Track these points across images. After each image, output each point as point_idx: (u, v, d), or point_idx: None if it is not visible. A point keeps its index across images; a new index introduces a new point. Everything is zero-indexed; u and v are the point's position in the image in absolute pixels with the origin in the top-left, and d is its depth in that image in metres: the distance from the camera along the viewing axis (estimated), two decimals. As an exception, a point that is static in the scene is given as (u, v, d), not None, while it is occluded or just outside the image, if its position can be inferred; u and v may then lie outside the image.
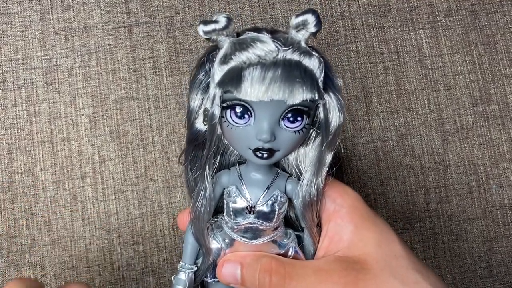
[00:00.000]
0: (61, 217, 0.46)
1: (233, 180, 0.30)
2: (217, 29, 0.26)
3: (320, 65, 0.27)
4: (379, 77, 0.51)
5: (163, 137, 0.48)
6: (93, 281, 0.45)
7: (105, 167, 0.47)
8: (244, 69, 0.25)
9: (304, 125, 0.27)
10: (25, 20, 0.49)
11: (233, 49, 0.26)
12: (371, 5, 0.52)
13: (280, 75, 0.25)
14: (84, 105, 0.48)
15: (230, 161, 0.32)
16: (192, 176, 0.31)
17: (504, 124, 0.51)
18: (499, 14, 0.53)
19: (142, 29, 0.49)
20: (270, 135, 0.26)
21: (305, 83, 0.25)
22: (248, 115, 0.27)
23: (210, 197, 0.30)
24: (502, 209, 0.50)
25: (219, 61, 0.27)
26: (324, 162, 0.29)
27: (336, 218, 0.30)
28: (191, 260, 0.32)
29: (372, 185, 0.49)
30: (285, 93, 0.25)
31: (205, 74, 0.29)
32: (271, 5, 0.51)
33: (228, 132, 0.28)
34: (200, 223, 0.30)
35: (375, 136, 0.50)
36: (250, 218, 0.29)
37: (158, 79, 0.49)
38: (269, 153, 0.27)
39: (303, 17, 0.26)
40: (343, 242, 0.30)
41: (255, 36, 0.26)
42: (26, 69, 0.48)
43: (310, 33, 0.26)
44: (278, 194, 0.30)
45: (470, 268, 0.49)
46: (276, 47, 0.26)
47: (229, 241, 0.31)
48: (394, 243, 0.29)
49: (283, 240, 0.31)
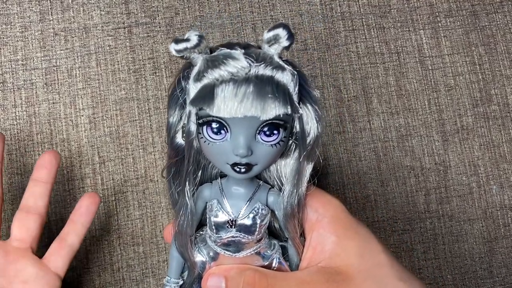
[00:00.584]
0: (61, 218, 0.46)
1: (214, 194, 0.31)
2: (189, 47, 0.26)
3: (293, 78, 0.27)
4: (380, 78, 0.51)
5: (163, 137, 0.48)
6: (93, 282, 0.45)
7: (105, 168, 0.47)
8: (217, 86, 0.25)
9: (281, 138, 0.27)
10: (24, 21, 0.49)
11: (206, 66, 0.26)
12: (372, 6, 0.52)
13: (252, 91, 0.25)
14: (84, 106, 0.48)
15: (212, 174, 0.33)
16: (175, 190, 0.31)
17: (505, 125, 0.51)
18: (499, 14, 0.53)
19: (142, 29, 0.49)
20: (247, 150, 0.27)
21: (277, 98, 0.25)
22: (224, 130, 0.27)
23: (192, 212, 0.30)
24: (503, 210, 0.50)
25: (193, 78, 0.27)
26: (303, 173, 0.29)
27: (319, 228, 0.30)
28: (176, 275, 0.32)
29: (372, 186, 0.49)
30: (257, 109, 0.25)
31: (181, 91, 0.29)
32: (271, 6, 0.51)
33: (206, 147, 0.28)
34: (183, 238, 0.31)
35: (375, 136, 0.50)
36: (232, 232, 0.30)
37: (158, 80, 0.49)
38: (247, 167, 0.27)
39: (274, 31, 0.26)
40: (325, 253, 0.30)
41: (227, 53, 0.26)
42: (26, 70, 0.48)
43: (282, 47, 0.26)
44: (259, 207, 0.30)
45: (471, 269, 0.49)
46: (248, 63, 0.26)
47: (214, 254, 0.31)
48: (377, 252, 0.29)
49: (267, 251, 0.31)
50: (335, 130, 0.50)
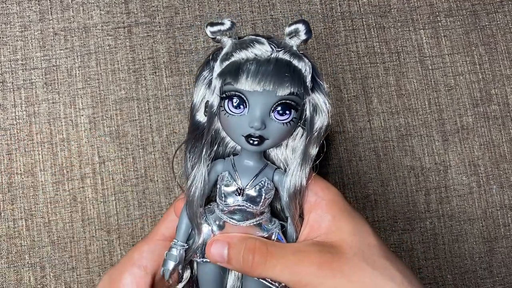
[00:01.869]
0: (61, 218, 0.46)
1: (226, 167, 0.34)
2: (222, 30, 0.30)
3: (308, 67, 0.31)
4: (380, 78, 0.51)
5: (163, 137, 0.48)
6: (93, 282, 0.45)
7: (105, 168, 0.47)
8: (242, 64, 0.30)
9: (292, 118, 0.31)
10: (24, 21, 0.48)
11: (234, 48, 0.31)
12: (372, 6, 0.52)
13: (272, 70, 0.29)
14: (84, 105, 0.48)
15: (225, 153, 0.36)
16: (190, 164, 0.34)
17: (505, 125, 0.51)
18: (499, 14, 0.53)
19: (142, 29, 0.49)
20: (261, 123, 0.30)
21: (293, 79, 0.30)
22: (243, 105, 0.30)
23: (205, 180, 0.33)
24: (503, 210, 0.50)
25: (221, 58, 0.31)
26: (308, 157, 0.33)
27: (317, 209, 0.33)
28: (183, 238, 0.34)
29: (373, 185, 0.49)
30: (275, 85, 0.29)
31: (209, 71, 0.33)
32: (271, 5, 0.51)
33: (225, 120, 0.31)
34: (194, 206, 0.33)
35: (375, 136, 0.50)
36: (239, 200, 0.33)
37: (158, 79, 0.49)
38: (260, 140, 0.31)
39: (295, 26, 0.30)
40: (321, 229, 0.33)
41: (254, 38, 0.31)
42: (26, 70, 0.48)
43: (301, 40, 0.31)
44: (265, 181, 0.33)
45: (471, 269, 0.49)
46: (271, 48, 0.30)
47: (220, 223, 0.34)
48: (368, 234, 0.32)
49: (267, 225, 0.34)
50: (335, 130, 0.50)
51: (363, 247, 0.31)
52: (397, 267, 0.31)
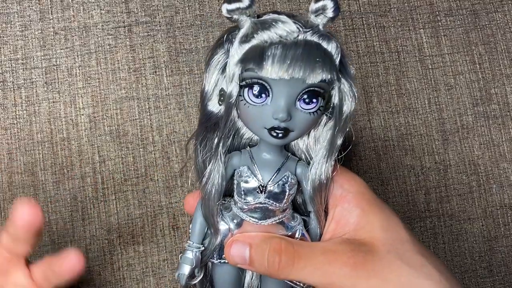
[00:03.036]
0: (61, 217, 0.46)
1: (244, 161, 0.31)
2: (241, 8, 0.27)
3: (337, 49, 0.28)
4: (380, 77, 0.51)
5: (163, 137, 0.48)
6: (93, 281, 0.45)
7: (105, 167, 0.47)
8: (266, 48, 0.26)
9: (319, 107, 0.28)
10: (24, 20, 0.49)
11: (255, 28, 0.27)
12: (372, 5, 0.52)
13: (301, 55, 0.26)
14: (84, 105, 0.48)
15: (240, 144, 0.33)
16: (202, 158, 0.31)
17: (505, 124, 0.51)
18: (499, 13, 0.53)
19: (142, 28, 0.49)
20: (287, 114, 0.27)
21: (325, 64, 0.26)
22: (265, 94, 0.27)
23: (222, 176, 0.30)
24: (503, 209, 0.50)
25: (240, 40, 0.27)
26: (335, 146, 0.30)
27: (343, 202, 0.31)
28: (198, 239, 0.32)
29: (373, 185, 0.49)
30: (305, 72, 0.26)
31: (223, 54, 0.29)
32: (271, 5, 0.51)
33: (245, 111, 0.28)
34: (210, 203, 0.31)
35: (375, 136, 0.50)
36: (260, 198, 0.30)
37: (158, 79, 0.49)
38: (284, 132, 0.28)
39: (322, 2, 0.27)
40: (349, 225, 0.30)
41: (276, 17, 0.27)
42: (26, 69, 0.48)
43: (328, 18, 0.27)
44: (288, 176, 0.30)
45: (471, 268, 0.49)
46: (297, 28, 0.27)
47: (238, 221, 0.31)
48: (400, 228, 0.30)
49: (290, 222, 0.32)
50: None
51: (397, 244, 0.29)
52: (433, 263, 0.29)
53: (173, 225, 0.47)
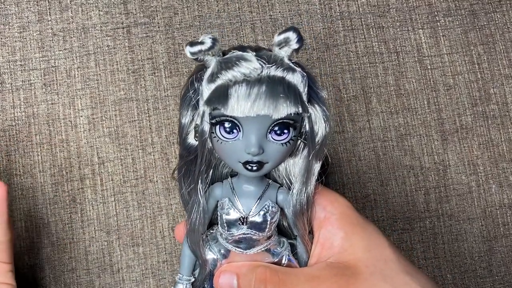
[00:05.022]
0: (60, 219, 0.46)
1: (225, 192, 0.31)
2: (203, 50, 0.27)
3: (303, 79, 0.28)
4: (379, 77, 0.51)
5: (163, 138, 0.48)
6: (93, 283, 0.45)
7: (104, 169, 0.47)
8: (230, 87, 0.27)
9: (291, 137, 0.28)
10: (23, 21, 0.48)
11: (219, 68, 0.27)
12: (370, 5, 0.52)
13: (264, 91, 0.26)
14: (83, 106, 0.48)
15: (222, 173, 0.34)
16: (186, 190, 0.32)
17: (504, 124, 0.51)
18: (498, 14, 0.53)
19: (141, 30, 0.49)
20: (258, 148, 0.27)
21: (289, 97, 0.26)
22: (236, 130, 0.28)
23: (204, 210, 0.31)
24: (502, 209, 0.50)
25: (207, 80, 0.28)
26: (312, 172, 0.30)
27: (327, 225, 0.31)
28: (188, 272, 0.33)
29: (372, 185, 0.49)
30: (270, 108, 0.26)
31: (194, 92, 0.30)
32: (270, 6, 0.51)
33: (219, 146, 0.29)
34: (195, 236, 0.31)
35: (374, 136, 0.50)
36: (243, 229, 0.31)
37: (157, 80, 0.49)
38: (259, 165, 0.28)
39: (284, 35, 0.27)
40: (334, 249, 0.31)
41: (240, 55, 0.27)
42: (24, 71, 0.48)
43: (292, 49, 0.28)
44: (269, 204, 0.31)
45: (470, 268, 0.49)
46: (260, 65, 0.27)
47: (225, 252, 0.32)
48: (383, 247, 0.30)
49: (276, 248, 0.32)
50: (334, 130, 0.50)
51: (380, 264, 0.29)
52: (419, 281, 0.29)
53: (172, 227, 0.47)
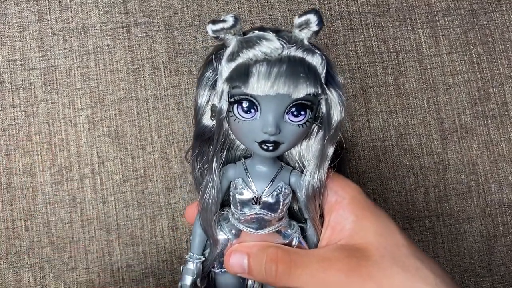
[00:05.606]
0: (60, 218, 0.46)
1: (239, 173, 0.32)
2: (225, 28, 0.27)
3: (322, 62, 0.28)
4: (378, 77, 0.51)
5: (162, 137, 0.48)
6: (93, 283, 0.45)
7: (104, 168, 0.47)
8: (251, 66, 0.27)
9: (307, 119, 0.29)
10: (22, 21, 0.48)
11: (240, 47, 0.28)
12: (370, 5, 0.52)
13: (285, 71, 0.27)
14: (83, 105, 0.48)
15: (236, 156, 0.34)
16: (199, 171, 0.32)
17: (503, 124, 0.52)
18: (497, 13, 0.53)
19: (141, 29, 0.49)
20: (276, 128, 0.28)
21: (309, 78, 0.27)
22: (254, 109, 0.28)
23: (218, 189, 0.31)
24: (501, 208, 0.50)
25: (227, 59, 0.28)
26: (326, 155, 0.31)
27: (338, 209, 0.31)
28: (199, 251, 0.33)
29: (372, 184, 0.49)
30: (290, 87, 0.26)
31: (213, 72, 0.30)
32: (269, 5, 0.51)
33: (235, 126, 0.29)
34: (208, 215, 0.31)
35: (374, 136, 0.50)
36: (256, 209, 0.31)
37: (157, 79, 0.49)
38: (274, 145, 0.29)
39: (305, 16, 0.28)
40: (344, 232, 0.31)
41: (261, 34, 0.28)
42: (24, 70, 0.48)
43: (312, 32, 0.28)
44: (282, 186, 0.31)
45: (470, 267, 0.49)
46: (281, 45, 0.27)
47: (236, 232, 0.32)
48: (394, 232, 0.30)
49: (287, 230, 0.32)
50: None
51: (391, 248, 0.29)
52: (429, 266, 0.29)
53: (172, 226, 0.47)
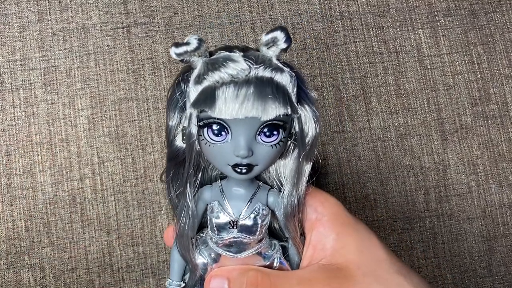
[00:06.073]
0: (60, 218, 0.46)
1: (215, 195, 0.31)
2: (189, 51, 0.26)
3: (292, 79, 0.27)
4: (379, 77, 0.51)
5: (162, 138, 0.48)
6: (93, 283, 0.45)
7: (104, 168, 0.47)
8: (218, 88, 0.26)
9: (281, 138, 0.28)
10: (23, 21, 0.48)
11: (206, 69, 0.27)
12: (370, 5, 0.52)
13: (252, 93, 0.25)
14: (83, 106, 0.48)
15: (212, 176, 0.33)
16: (175, 194, 0.31)
17: (503, 124, 0.52)
18: (497, 14, 0.53)
19: (141, 29, 0.49)
20: (248, 151, 0.27)
21: (278, 98, 0.26)
22: (225, 132, 0.27)
23: (193, 214, 0.30)
24: (502, 209, 0.50)
25: (193, 81, 0.27)
26: (303, 173, 0.30)
27: (319, 226, 0.31)
28: (178, 277, 0.33)
29: (372, 185, 0.49)
30: (258, 110, 0.25)
31: (181, 94, 0.29)
32: (270, 5, 0.51)
33: (207, 149, 0.28)
34: (184, 240, 0.31)
35: (374, 136, 0.50)
36: (233, 233, 0.30)
37: (157, 79, 0.49)
38: (248, 168, 0.28)
39: (272, 34, 0.26)
40: (326, 251, 0.30)
41: (227, 55, 0.27)
42: (24, 70, 0.48)
43: (280, 49, 0.27)
44: (260, 207, 0.30)
45: (470, 268, 0.49)
46: (248, 65, 0.26)
47: (215, 256, 0.32)
48: (375, 248, 0.30)
49: (268, 251, 0.32)
50: (334, 130, 0.50)
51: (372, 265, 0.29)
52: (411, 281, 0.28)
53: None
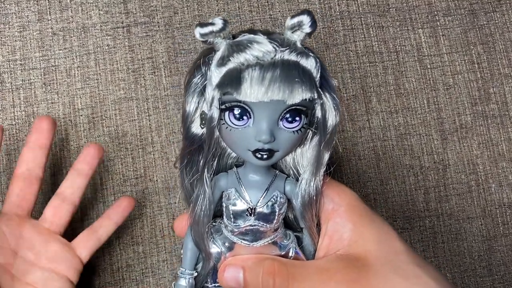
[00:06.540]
0: (60, 218, 0.46)
1: (231, 182, 0.30)
2: (214, 31, 0.26)
3: (316, 65, 0.27)
4: (378, 77, 0.51)
5: (162, 137, 0.48)
6: (93, 282, 0.45)
7: (104, 168, 0.47)
8: (243, 71, 0.25)
9: (302, 124, 0.27)
10: (23, 21, 0.48)
11: (231, 51, 0.26)
12: (370, 5, 0.52)
13: (279, 76, 0.25)
14: (83, 105, 0.48)
15: (227, 164, 0.32)
16: (189, 181, 0.31)
17: (503, 123, 0.52)
18: (497, 13, 0.53)
19: (141, 29, 0.49)
20: (270, 136, 0.26)
21: (304, 82, 0.26)
22: (247, 116, 0.27)
23: (210, 201, 0.30)
24: (501, 208, 0.50)
25: (217, 64, 0.27)
26: (322, 162, 0.29)
27: (335, 217, 0.30)
28: (191, 266, 0.32)
29: (372, 184, 0.49)
30: (285, 93, 0.25)
31: (201, 77, 0.29)
32: (270, 5, 0.51)
33: (227, 134, 0.28)
34: (199, 228, 0.30)
35: (374, 135, 0.50)
36: (250, 220, 0.29)
37: (157, 79, 0.49)
38: (269, 153, 0.27)
39: (298, 18, 0.26)
40: (343, 241, 0.30)
41: (252, 37, 0.26)
42: (24, 70, 0.48)
43: (305, 33, 0.27)
44: (277, 195, 0.30)
45: (470, 267, 0.49)
46: (273, 48, 0.26)
47: (229, 244, 0.31)
48: (393, 239, 0.30)
49: (283, 241, 0.31)
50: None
51: (391, 256, 0.28)
52: (429, 273, 0.28)
53: (172, 226, 0.47)
